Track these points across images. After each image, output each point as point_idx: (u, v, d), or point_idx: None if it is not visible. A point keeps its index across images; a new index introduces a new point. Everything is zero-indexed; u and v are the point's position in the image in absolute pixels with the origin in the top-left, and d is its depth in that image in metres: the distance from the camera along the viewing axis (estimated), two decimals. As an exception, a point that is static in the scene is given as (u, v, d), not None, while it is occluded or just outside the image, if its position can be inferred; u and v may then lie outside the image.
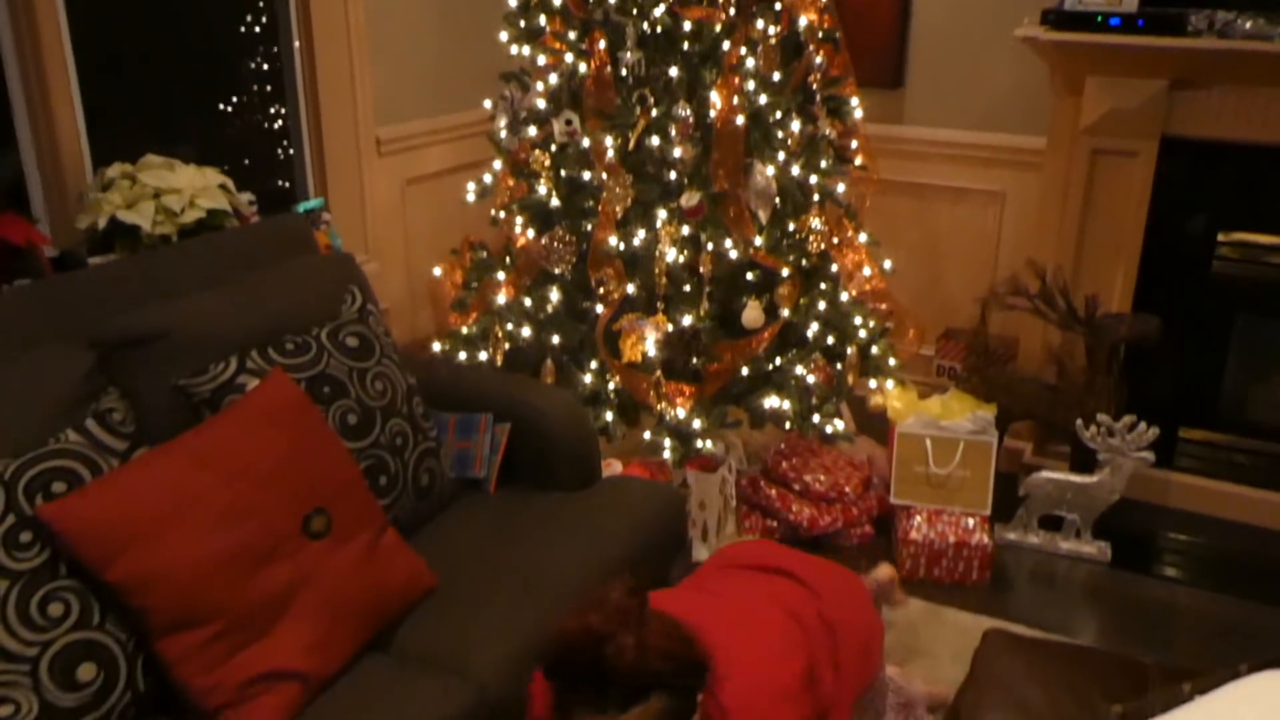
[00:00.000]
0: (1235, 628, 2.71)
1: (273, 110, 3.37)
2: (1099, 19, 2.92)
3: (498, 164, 3.09)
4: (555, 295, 2.96)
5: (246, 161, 3.32)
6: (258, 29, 3.27)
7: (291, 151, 3.42)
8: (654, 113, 2.79)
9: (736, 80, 2.78)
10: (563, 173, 2.92)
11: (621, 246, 2.82)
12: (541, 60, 2.94)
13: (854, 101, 3.11)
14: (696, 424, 2.85)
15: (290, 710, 1.65)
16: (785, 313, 2.92)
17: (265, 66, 3.32)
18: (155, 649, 1.59)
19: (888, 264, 3.23)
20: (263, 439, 1.78)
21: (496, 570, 2.04)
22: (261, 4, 3.26)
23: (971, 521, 2.89)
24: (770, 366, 2.99)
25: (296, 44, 3.28)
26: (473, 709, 1.72)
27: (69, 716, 1.51)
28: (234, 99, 3.29)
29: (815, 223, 2.97)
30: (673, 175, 2.83)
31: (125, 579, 1.55)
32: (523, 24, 2.98)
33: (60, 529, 1.52)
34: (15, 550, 1.51)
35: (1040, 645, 1.99)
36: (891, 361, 3.19)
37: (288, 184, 3.45)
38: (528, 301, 2.99)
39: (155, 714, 1.65)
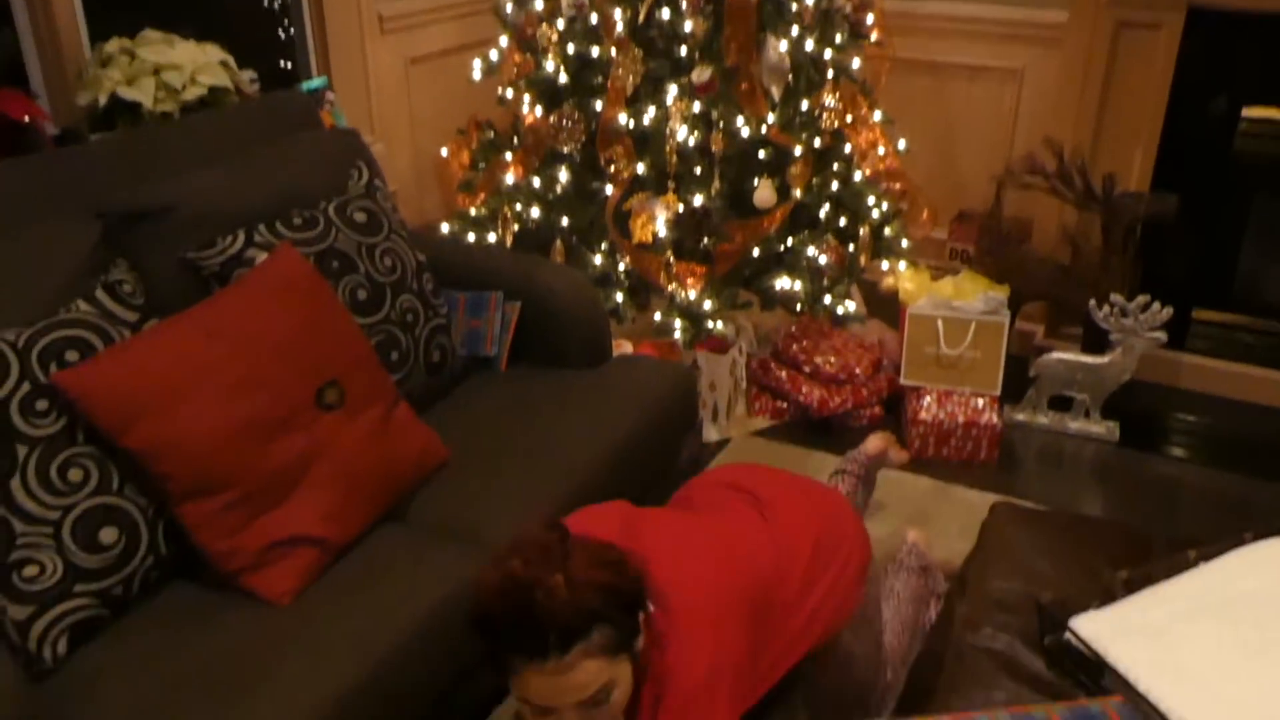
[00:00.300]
0: (1241, 503, 2.73)
1: (272, -15, 3.28)
2: (1128, -119, 2.81)
3: (504, 40, 3.02)
4: (564, 175, 2.92)
5: (247, 40, 3.24)
6: (254, -101, 3.17)
7: (292, 30, 3.35)
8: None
9: (749, -51, 2.69)
10: (571, 48, 2.85)
11: (631, 124, 2.77)
12: (548, -71, 2.84)
13: (870, -27, 3.01)
14: (707, 305, 2.84)
15: (308, 574, 1.68)
16: (797, 193, 2.88)
17: (263, -61, 3.22)
18: (175, 514, 1.62)
19: (902, 143, 3.17)
20: (273, 312, 1.78)
21: (507, 444, 2.06)
22: None
23: (981, 402, 2.90)
24: (781, 247, 2.96)
25: (294, -86, 3.18)
26: (486, 574, 1.76)
27: (93, 577, 1.55)
28: (232, -26, 3.20)
29: (829, 100, 2.90)
30: (683, 50, 2.75)
31: (142, 445, 1.57)
32: (529, -110, 2.87)
33: (76, 395, 1.54)
34: (32, 417, 1.52)
35: (1047, 516, 2.01)
36: (904, 243, 3.16)
37: (289, 64, 3.38)
38: (536, 182, 2.95)
39: (178, 575, 1.69)
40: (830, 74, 2.94)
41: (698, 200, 2.78)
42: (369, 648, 1.58)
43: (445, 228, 3.15)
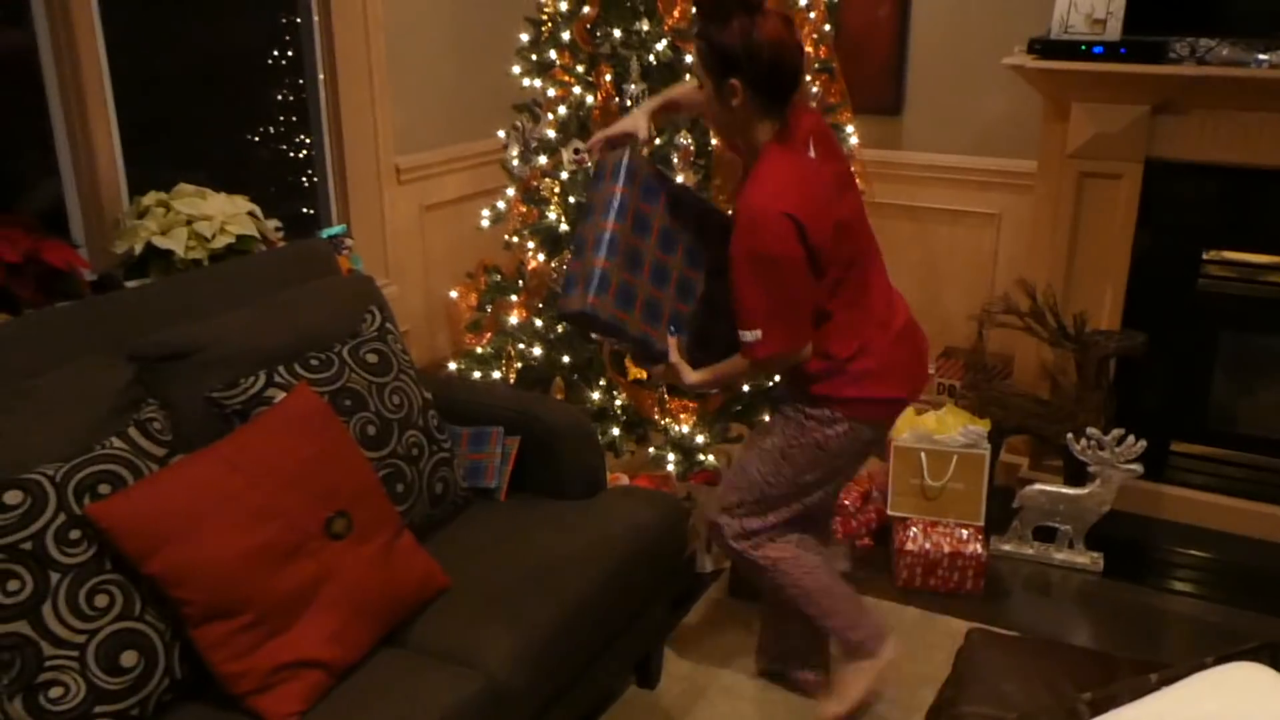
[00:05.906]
0: (1224, 633, 2.79)
1: (298, 140, 3.54)
2: (1083, 47, 3.05)
3: (510, 191, 3.24)
4: (565, 315, 3.10)
5: (273, 188, 3.49)
6: (284, 63, 3.45)
7: (315, 179, 3.59)
8: (657, 141, 2.93)
9: (736, 110, 2.91)
10: (571, 199, 3.07)
11: (627, 268, 2.95)
12: (551, 92, 3.09)
13: (849, 129, 3.24)
14: (699, 439, 2.97)
15: (313, 696, 1.78)
16: (785, 331, 3.04)
17: (291, 98, 3.49)
18: (191, 637, 1.73)
19: (885, 284, 3.35)
20: (289, 446, 1.92)
21: (506, 570, 2.16)
22: (288, 38, 3.44)
23: (966, 532, 3.00)
24: (770, 383, 3.11)
25: (321, 77, 3.45)
26: (480, 696, 1.85)
27: (113, 699, 1.65)
28: (262, 129, 3.46)
29: (813, 245, 3.09)
30: (676, 200, 2.96)
31: (164, 571, 1.69)
32: (534, 58, 3.13)
33: (106, 526, 1.67)
34: (65, 546, 1.65)
35: (1019, 642, 2.10)
36: (889, 378, 3.29)
37: (312, 211, 3.61)
38: (539, 322, 3.13)
39: (190, 698, 1.78)
40: (814, 221, 3.13)
41: (690, 339, 2.94)
42: (368, 768, 1.66)
43: (452, 365, 3.32)
